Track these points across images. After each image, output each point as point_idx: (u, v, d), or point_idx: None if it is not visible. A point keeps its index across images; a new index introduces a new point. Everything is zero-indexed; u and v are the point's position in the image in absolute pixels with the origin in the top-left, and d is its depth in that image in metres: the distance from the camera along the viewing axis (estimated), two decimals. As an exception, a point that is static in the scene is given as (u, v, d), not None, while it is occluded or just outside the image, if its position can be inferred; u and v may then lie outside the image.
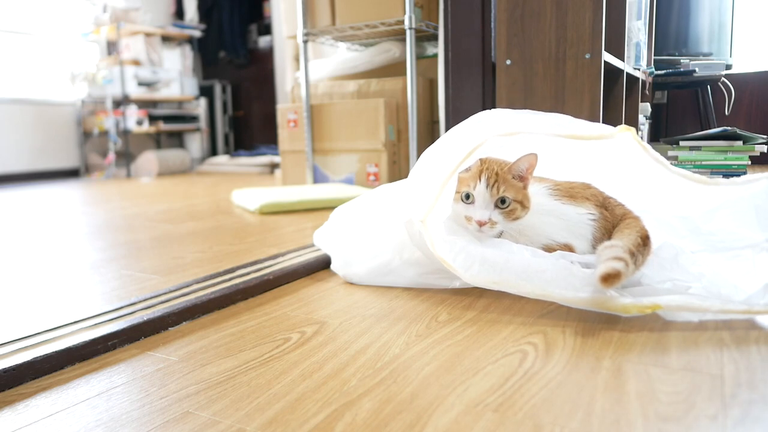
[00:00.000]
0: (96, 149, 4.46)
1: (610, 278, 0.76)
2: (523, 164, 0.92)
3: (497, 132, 0.89)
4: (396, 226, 1.01)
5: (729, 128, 2.61)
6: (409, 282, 1.00)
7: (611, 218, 0.95)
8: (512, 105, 1.89)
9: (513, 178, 0.93)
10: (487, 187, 0.91)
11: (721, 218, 0.95)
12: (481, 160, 0.95)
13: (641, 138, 2.64)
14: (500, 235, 0.96)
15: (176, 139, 4.99)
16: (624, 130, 0.90)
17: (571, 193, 0.97)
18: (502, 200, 0.92)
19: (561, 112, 0.92)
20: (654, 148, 0.95)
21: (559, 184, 0.99)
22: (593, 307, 0.80)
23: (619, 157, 0.99)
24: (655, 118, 3.43)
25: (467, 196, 0.93)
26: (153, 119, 4.35)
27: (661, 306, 0.77)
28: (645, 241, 0.88)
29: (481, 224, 0.91)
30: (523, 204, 0.93)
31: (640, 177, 1.00)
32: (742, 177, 0.92)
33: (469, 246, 0.88)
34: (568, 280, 0.82)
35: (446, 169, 0.88)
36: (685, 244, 0.96)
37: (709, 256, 0.93)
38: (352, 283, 1.05)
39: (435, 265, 0.94)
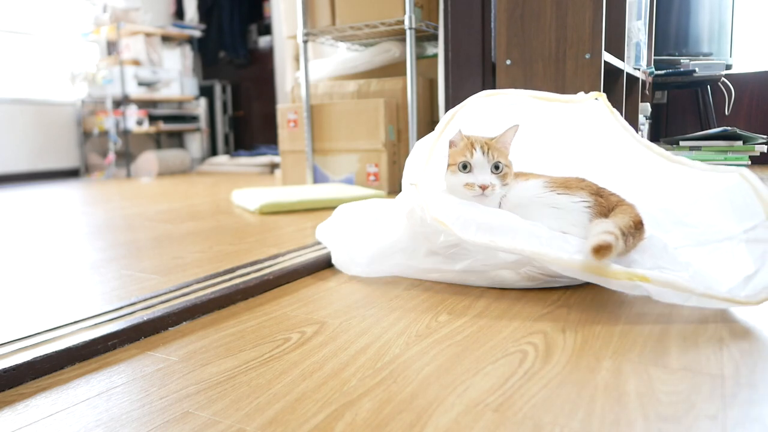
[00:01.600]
0: (96, 149, 4.46)
1: (601, 250, 0.80)
2: (509, 135, 1.02)
3: (478, 96, 1.00)
4: (398, 220, 1.04)
5: (729, 128, 2.61)
6: (408, 269, 1.04)
7: (606, 204, 0.97)
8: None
9: (501, 147, 1.02)
10: (483, 154, 0.99)
11: (702, 210, 0.98)
12: (465, 136, 1.02)
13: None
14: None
15: (176, 139, 4.99)
16: (597, 96, 1.01)
17: (566, 185, 1.00)
18: (496, 165, 0.99)
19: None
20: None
21: (555, 179, 1.02)
22: (586, 271, 0.82)
23: (593, 131, 1.09)
24: (655, 118, 3.43)
25: (464, 166, 0.99)
26: (153, 119, 4.35)
27: (650, 279, 0.79)
28: (638, 225, 0.90)
29: (484, 187, 0.97)
30: (510, 168, 1.02)
31: (612, 150, 1.09)
32: (707, 164, 0.98)
33: (466, 212, 0.92)
34: (563, 246, 0.85)
35: (432, 136, 0.99)
36: (669, 239, 0.97)
37: (692, 250, 0.94)
38: (352, 279, 1.05)
39: (434, 245, 0.99)
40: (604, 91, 1.91)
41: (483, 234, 0.88)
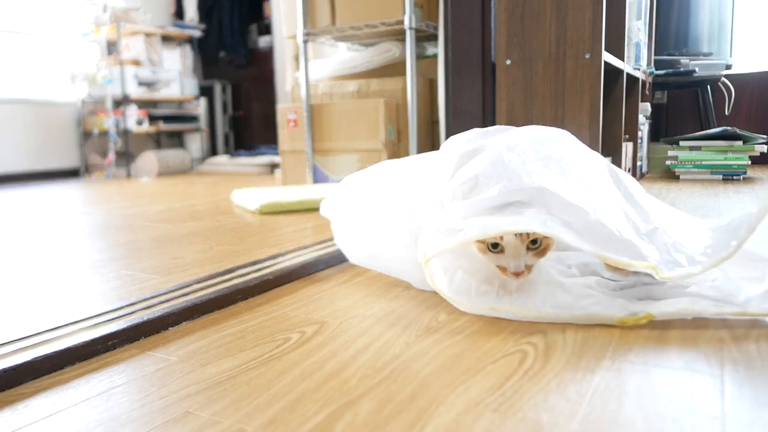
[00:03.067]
0: (96, 149, 4.46)
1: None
2: None
3: (531, 227, 0.79)
4: (394, 222, 1.01)
5: (729, 128, 2.61)
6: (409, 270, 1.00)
7: None
8: (512, 105, 1.89)
9: None
10: (516, 234, 0.82)
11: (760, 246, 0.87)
12: None
13: (641, 141, 2.65)
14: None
15: (176, 139, 4.99)
16: (648, 267, 0.80)
17: None
18: (533, 241, 0.83)
19: (561, 112, 0.92)
20: (654, 148, 0.95)
21: None
22: (588, 322, 0.81)
23: None
24: (655, 118, 3.43)
25: (495, 246, 0.84)
26: (153, 119, 4.35)
27: (654, 315, 0.78)
28: None
29: (518, 275, 0.83)
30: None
31: None
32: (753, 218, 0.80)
33: (465, 275, 0.88)
34: (562, 298, 0.82)
35: (466, 233, 0.81)
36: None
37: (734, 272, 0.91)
38: (352, 279, 1.05)
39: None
40: (604, 91, 1.91)
41: (482, 301, 0.86)
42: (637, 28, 2.43)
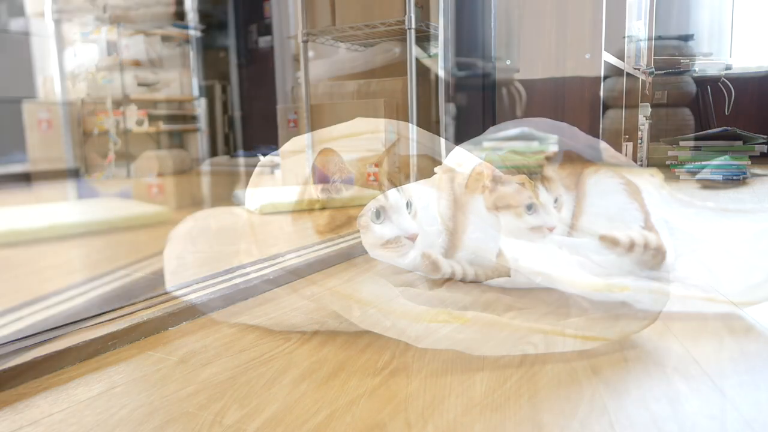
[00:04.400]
0: (96, 149, 4.46)
1: (606, 239, 0.87)
2: (558, 158, 0.97)
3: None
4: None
5: (729, 128, 2.61)
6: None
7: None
8: (512, 105, 1.89)
9: (554, 175, 0.97)
10: (547, 192, 0.94)
11: (744, 249, 0.92)
12: (514, 169, 0.95)
13: (641, 141, 2.65)
14: None
15: (176, 139, 4.99)
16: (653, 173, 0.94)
17: (637, 191, 1.00)
18: (555, 199, 0.95)
19: (561, 112, 0.96)
20: (654, 148, 0.97)
21: (629, 181, 1.01)
22: (564, 284, 0.84)
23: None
24: (654, 118, 3.43)
25: (529, 207, 0.93)
26: (153, 119, 4.34)
27: (629, 288, 0.80)
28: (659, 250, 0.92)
29: (553, 229, 0.92)
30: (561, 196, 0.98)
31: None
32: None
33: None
34: (546, 261, 0.89)
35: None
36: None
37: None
38: (352, 279, 1.05)
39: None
40: (603, 91, 1.91)
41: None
42: (637, 28, 2.43)
